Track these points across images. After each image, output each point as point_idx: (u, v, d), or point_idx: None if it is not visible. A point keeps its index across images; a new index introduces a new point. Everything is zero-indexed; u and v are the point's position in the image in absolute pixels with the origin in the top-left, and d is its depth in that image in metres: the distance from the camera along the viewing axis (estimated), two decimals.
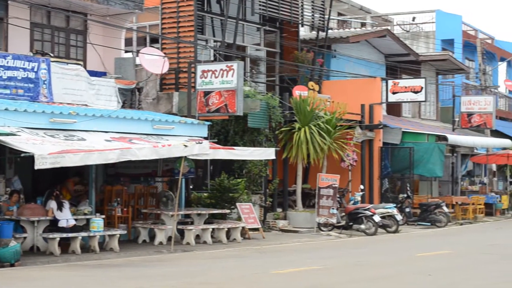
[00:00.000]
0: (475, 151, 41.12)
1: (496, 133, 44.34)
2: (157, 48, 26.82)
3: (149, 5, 26.77)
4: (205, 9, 28.08)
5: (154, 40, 28.55)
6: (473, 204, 35.57)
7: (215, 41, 28.55)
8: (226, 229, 23.24)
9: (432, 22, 47.40)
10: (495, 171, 44.89)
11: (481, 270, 17.82)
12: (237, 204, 24.84)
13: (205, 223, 23.22)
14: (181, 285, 14.88)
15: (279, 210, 28.34)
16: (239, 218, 24.63)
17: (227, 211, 24.48)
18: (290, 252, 21.50)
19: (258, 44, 30.94)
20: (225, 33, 27.48)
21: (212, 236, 22.92)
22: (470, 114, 40.95)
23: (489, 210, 37.91)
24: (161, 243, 21.78)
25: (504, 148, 41.39)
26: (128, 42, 27.75)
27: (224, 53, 27.19)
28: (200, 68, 24.36)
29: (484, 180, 43.72)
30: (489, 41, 51.14)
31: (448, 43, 46.04)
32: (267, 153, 23.61)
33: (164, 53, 25.96)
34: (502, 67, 54.10)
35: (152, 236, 22.33)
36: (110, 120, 20.89)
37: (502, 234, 28.84)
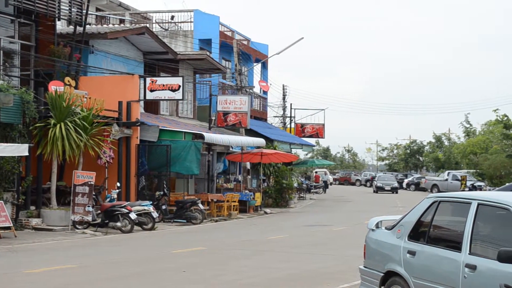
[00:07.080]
0: (231, 149, 42.15)
1: (251, 132, 45.70)
2: None
3: None
4: None
5: None
6: (227, 201, 36.41)
7: None
8: None
9: (191, 22, 48.03)
10: (249, 169, 46.22)
11: (233, 265, 18.27)
12: None
13: None
14: None
15: (32, 208, 27.64)
16: None
17: None
18: (44, 251, 21.05)
19: (12, 37, 29.91)
20: None
21: None
22: (226, 113, 41.94)
23: (243, 207, 38.97)
24: None
25: (258, 147, 42.77)
26: None
27: None
28: None
29: (238, 178, 44.93)
30: (245, 42, 52.60)
31: (206, 43, 46.87)
32: (20, 149, 23.07)
33: None
34: (257, 68, 55.88)
35: None
36: None
37: (254, 230, 29.71)
